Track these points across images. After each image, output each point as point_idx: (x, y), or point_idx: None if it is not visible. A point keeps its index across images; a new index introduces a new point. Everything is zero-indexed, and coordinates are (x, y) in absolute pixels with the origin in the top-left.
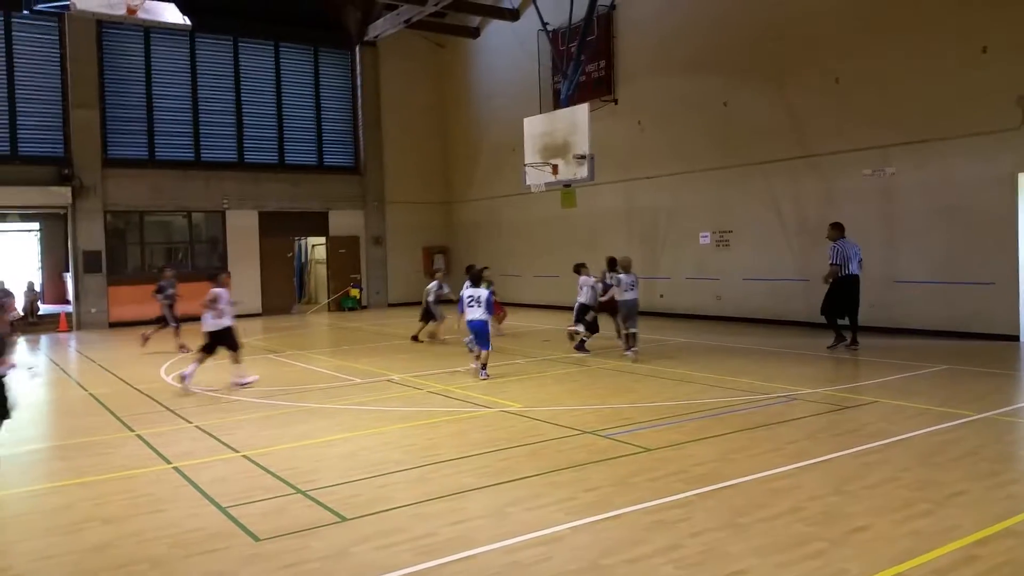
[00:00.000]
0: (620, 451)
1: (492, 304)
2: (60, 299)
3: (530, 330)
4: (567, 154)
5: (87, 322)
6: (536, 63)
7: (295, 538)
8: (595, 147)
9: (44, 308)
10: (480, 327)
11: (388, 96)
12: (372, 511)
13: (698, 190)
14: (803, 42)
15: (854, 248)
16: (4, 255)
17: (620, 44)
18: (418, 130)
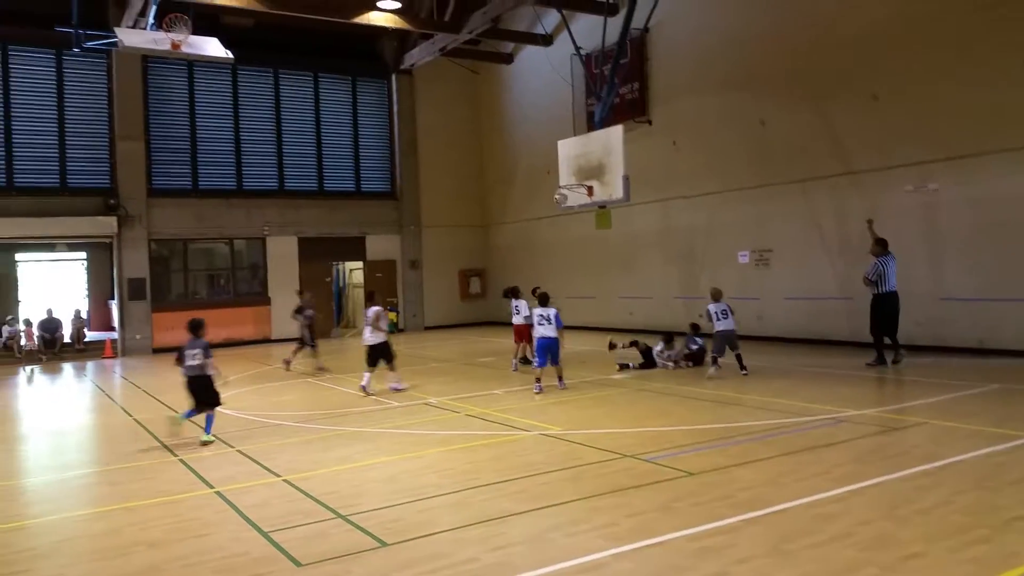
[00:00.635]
0: (662, 475)
1: (561, 321)
2: (106, 326)
3: (566, 352)
4: (602, 175)
5: (131, 348)
6: (569, 86)
7: (337, 563)
8: (630, 168)
9: (90, 335)
10: (551, 344)
11: (423, 122)
12: (413, 536)
13: (736, 209)
14: (840, 59)
15: (894, 265)
16: (53, 284)
17: (654, 65)
18: (453, 154)
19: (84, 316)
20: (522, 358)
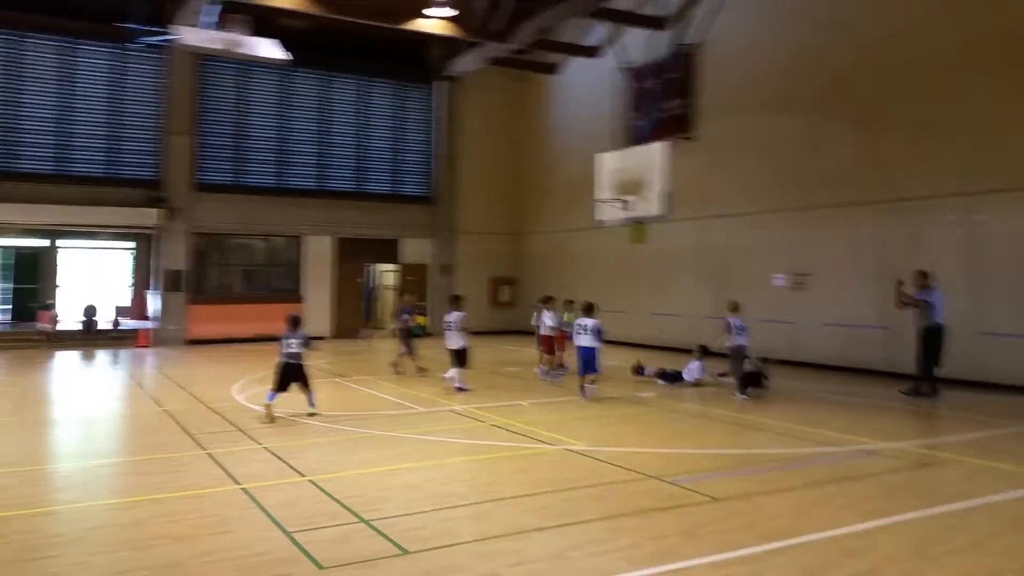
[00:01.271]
0: (687, 499)
1: (601, 332)
2: (143, 315)
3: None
4: (641, 190)
5: (165, 338)
6: (613, 100)
7: (358, 568)
8: (669, 184)
9: (126, 324)
10: (588, 353)
11: (465, 128)
12: (434, 545)
13: (773, 230)
14: (889, 84)
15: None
16: (98, 272)
17: (701, 82)
18: (493, 162)
19: (119, 305)
20: (549, 369)
